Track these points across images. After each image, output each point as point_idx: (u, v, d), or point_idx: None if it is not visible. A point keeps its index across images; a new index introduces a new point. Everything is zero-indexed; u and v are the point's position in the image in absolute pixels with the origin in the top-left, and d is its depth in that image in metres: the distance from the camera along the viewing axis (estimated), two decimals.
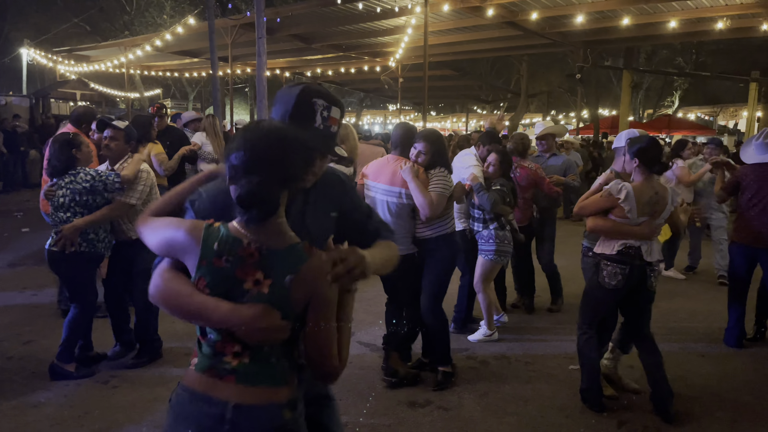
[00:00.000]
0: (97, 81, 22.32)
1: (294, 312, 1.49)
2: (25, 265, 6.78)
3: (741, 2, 10.84)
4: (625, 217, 3.36)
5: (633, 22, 12.21)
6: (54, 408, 3.52)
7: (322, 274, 1.48)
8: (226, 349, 1.51)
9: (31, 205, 11.04)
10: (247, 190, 1.42)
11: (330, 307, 1.51)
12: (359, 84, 27.16)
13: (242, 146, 1.45)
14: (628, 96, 18.86)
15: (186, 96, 32.19)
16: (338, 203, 1.88)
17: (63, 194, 3.77)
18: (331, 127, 1.71)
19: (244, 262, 1.48)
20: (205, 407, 1.50)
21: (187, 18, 14.43)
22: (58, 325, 4.82)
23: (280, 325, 1.48)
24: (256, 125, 1.53)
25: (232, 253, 1.47)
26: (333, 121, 1.71)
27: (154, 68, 22.22)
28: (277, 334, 1.49)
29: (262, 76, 9.80)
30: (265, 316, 1.46)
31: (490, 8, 11.20)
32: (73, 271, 3.90)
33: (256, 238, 1.49)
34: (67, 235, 3.73)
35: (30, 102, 17.54)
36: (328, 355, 1.52)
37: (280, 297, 1.47)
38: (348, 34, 15.10)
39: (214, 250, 1.48)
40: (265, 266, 1.48)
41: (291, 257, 1.49)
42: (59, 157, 3.81)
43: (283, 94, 1.73)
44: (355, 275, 1.54)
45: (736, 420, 3.56)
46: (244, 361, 1.50)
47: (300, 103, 1.68)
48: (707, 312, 5.62)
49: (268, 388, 1.51)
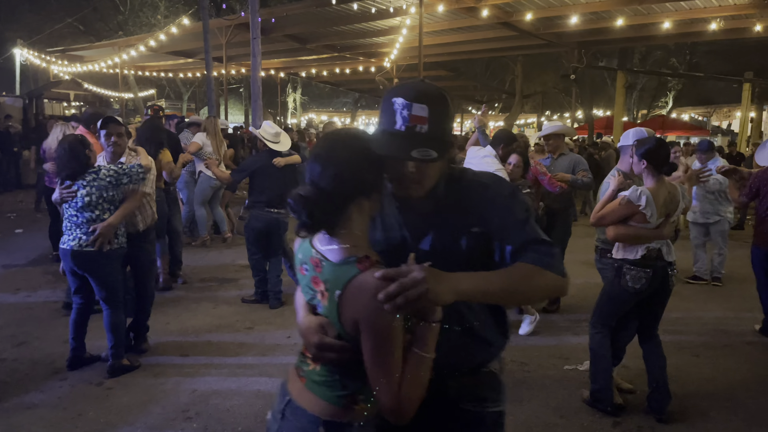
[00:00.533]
0: (90, 81, 22.27)
1: (347, 332, 1.38)
2: (19, 267, 6.74)
3: (734, 3, 10.90)
4: (646, 222, 3.31)
5: (627, 23, 12.27)
6: (47, 410, 3.50)
7: (370, 293, 1.28)
8: (307, 352, 1.54)
9: (25, 206, 10.99)
10: (293, 201, 1.39)
11: (380, 333, 1.31)
12: (354, 84, 27.17)
13: (309, 156, 1.47)
14: (622, 96, 18.94)
15: (180, 96, 32.13)
16: (478, 216, 1.55)
17: (88, 193, 3.78)
18: (416, 127, 1.45)
19: (314, 271, 1.45)
20: (280, 393, 1.60)
21: (182, 18, 14.41)
22: (52, 327, 4.81)
23: (330, 344, 1.40)
24: (325, 134, 1.52)
25: (307, 262, 1.48)
26: (417, 119, 1.45)
27: (148, 68, 22.17)
28: (330, 352, 1.41)
29: (256, 77, 9.81)
30: (317, 330, 1.42)
31: (484, 9, 11.22)
32: (108, 268, 3.92)
33: (321, 248, 1.44)
34: (104, 233, 3.78)
35: (23, 102, 17.43)
36: (384, 386, 1.33)
37: (332, 313, 1.39)
38: (343, 35, 15.10)
39: (299, 259, 1.53)
40: (324, 278, 1.41)
41: (342, 271, 1.36)
42: (78, 158, 3.80)
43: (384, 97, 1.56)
44: (412, 298, 1.24)
45: (730, 419, 3.57)
46: (315, 368, 1.49)
47: (383, 107, 1.51)
48: (701, 312, 5.64)
49: (321, 401, 1.47)
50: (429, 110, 1.46)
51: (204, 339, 4.66)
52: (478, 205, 1.56)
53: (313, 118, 35.94)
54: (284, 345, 4.58)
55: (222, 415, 3.47)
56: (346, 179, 1.39)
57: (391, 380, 1.32)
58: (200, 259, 7.23)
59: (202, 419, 3.42)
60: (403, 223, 1.59)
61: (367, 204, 1.44)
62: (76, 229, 3.82)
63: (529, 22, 12.39)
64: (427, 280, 1.25)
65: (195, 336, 4.71)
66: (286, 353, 4.41)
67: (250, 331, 4.88)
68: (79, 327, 4.04)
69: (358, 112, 36.17)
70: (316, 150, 1.46)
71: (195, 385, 3.85)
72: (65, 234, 3.87)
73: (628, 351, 3.80)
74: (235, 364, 4.21)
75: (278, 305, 5.47)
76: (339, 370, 1.45)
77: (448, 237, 1.54)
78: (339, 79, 24.38)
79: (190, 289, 6.00)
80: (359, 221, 1.43)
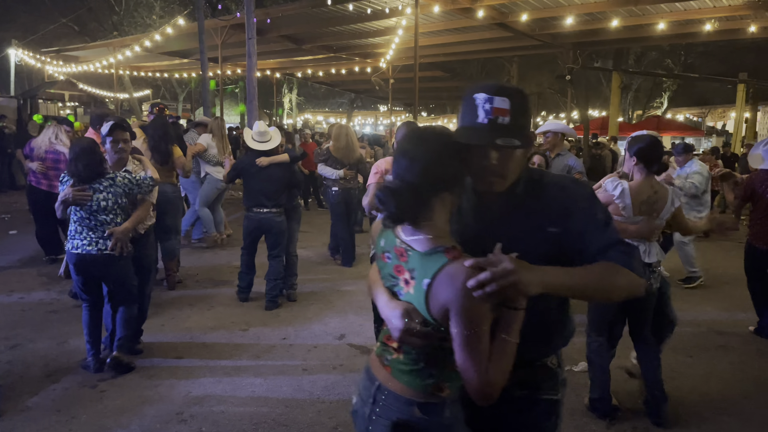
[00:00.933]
0: (85, 82, 22.19)
1: (434, 318, 1.45)
2: (12, 268, 6.71)
3: (729, 4, 10.93)
4: (619, 215, 3.34)
5: (622, 24, 12.29)
6: (41, 413, 3.48)
7: (459, 281, 1.36)
8: (390, 341, 1.61)
9: (19, 207, 10.94)
10: (382, 193, 1.49)
11: (471, 319, 1.38)
12: (350, 85, 27.16)
13: (395, 151, 1.55)
14: (617, 97, 18.98)
15: (176, 97, 32.03)
16: (557, 216, 1.60)
17: (105, 197, 3.83)
18: (498, 119, 1.51)
19: (398, 260, 1.54)
20: (366, 380, 1.69)
21: (177, 18, 14.38)
22: (46, 329, 4.79)
23: (417, 330, 1.46)
24: (409, 131, 1.59)
25: (391, 251, 1.57)
26: (499, 111, 1.51)
27: (143, 69, 22.11)
28: (415, 337, 1.47)
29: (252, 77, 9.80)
30: (404, 316, 1.48)
31: (480, 9, 11.23)
32: (126, 270, 4.02)
33: (406, 238, 1.52)
34: (121, 238, 3.86)
35: (17, 103, 17.36)
36: (470, 371, 1.40)
37: (419, 301, 1.46)
38: (339, 35, 15.09)
39: (381, 246, 1.63)
40: (410, 267, 1.49)
41: (431, 261, 1.44)
42: (96, 162, 3.83)
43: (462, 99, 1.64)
44: (503, 287, 1.32)
45: (724, 420, 3.58)
46: (399, 357, 1.58)
47: (465, 105, 1.58)
48: (695, 312, 5.65)
49: (410, 389, 1.56)
50: (510, 102, 1.52)
51: (199, 340, 4.65)
52: (557, 205, 1.61)
53: (309, 119, 35.92)
54: (279, 346, 4.57)
55: (217, 418, 3.46)
56: (431, 173, 1.47)
57: (480, 364, 1.39)
58: (195, 260, 7.21)
59: (197, 422, 3.41)
60: (479, 218, 1.64)
61: (450, 197, 1.52)
62: (90, 233, 3.83)
63: (524, 23, 12.41)
64: (517, 270, 1.32)
65: (190, 337, 4.69)
66: (282, 355, 4.41)
67: (245, 332, 4.87)
68: (95, 327, 4.04)
69: (354, 113, 36.17)
70: (403, 146, 1.55)
71: (189, 387, 3.84)
72: (76, 238, 3.86)
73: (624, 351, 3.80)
74: (230, 365, 4.20)
75: (273, 307, 5.45)
76: (424, 358, 1.53)
77: (523, 235, 1.58)
78: (335, 80, 24.35)
79: (185, 291, 5.98)
80: (442, 214, 1.51)
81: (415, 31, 10.80)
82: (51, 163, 6.60)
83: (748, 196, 5.04)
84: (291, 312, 5.40)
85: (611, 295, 1.60)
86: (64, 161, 6.70)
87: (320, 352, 4.47)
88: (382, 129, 20.69)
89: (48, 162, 6.58)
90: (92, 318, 4.01)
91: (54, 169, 6.62)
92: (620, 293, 1.54)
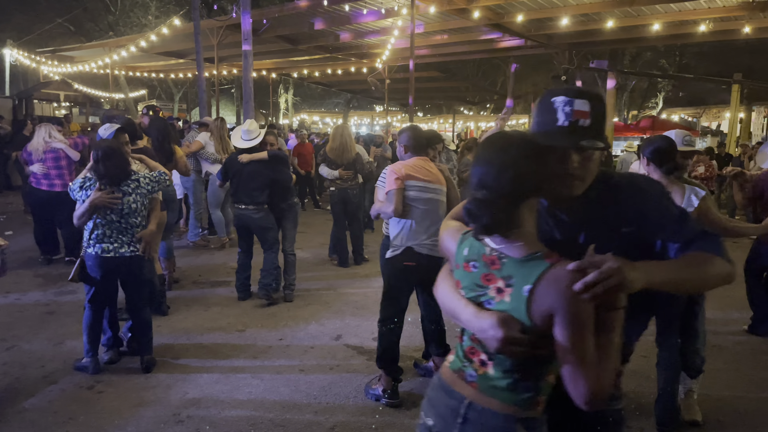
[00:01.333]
0: (81, 82, 22.11)
1: (536, 325, 1.40)
2: (9, 269, 6.68)
3: (723, 5, 10.98)
4: None
5: (617, 24, 12.33)
6: (38, 414, 3.48)
7: (565, 284, 1.35)
8: (474, 355, 1.54)
9: (14, 208, 10.92)
10: (472, 205, 1.46)
11: (579, 323, 1.35)
12: (346, 85, 27.13)
13: (476, 160, 1.50)
14: (612, 98, 19.00)
15: (172, 97, 31.98)
16: (631, 216, 1.60)
17: (134, 199, 3.85)
18: (579, 121, 1.52)
19: (488, 269, 1.49)
20: (446, 398, 1.59)
21: (173, 19, 14.36)
22: (42, 330, 4.79)
23: (519, 338, 1.41)
24: (490, 138, 1.53)
25: (478, 260, 1.52)
26: (580, 114, 1.52)
27: (139, 69, 22.05)
28: (515, 346, 1.42)
29: (248, 77, 9.81)
30: (502, 325, 1.41)
31: (476, 10, 11.25)
32: (149, 271, 4.07)
33: (497, 245, 1.48)
34: (149, 240, 3.90)
35: (13, 103, 17.30)
36: (580, 376, 1.36)
37: (518, 308, 1.42)
38: (335, 36, 15.09)
39: (464, 256, 1.56)
40: (506, 275, 1.45)
41: (530, 266, 1.42)
42: (123, 164, 3.84)
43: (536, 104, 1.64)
44: (610, 287, 1.32)
45: (719, 419, 3.61)
46: (488, 371, 1.51)
47: (542, 109, 1.58)
48: None
49: (505, 404, 1.50)
50: (590, 105, 1.53)
51: (195, 341, 4.65)
52: (630, 205, 1.61)
53: (305, 119, 35.89)
54: (276, 347, 4.58)
55: (214, 419, 3.46)
56: (523, 180, 1.44)
57: (590, 368, 1.35)
58: (192, 260, 7.21)
59: (194, 423, 3.42)
60: (558, 222, 1.64)
61: (535, 202, 1.52)
62: (120, 236, 3.84)
63: (520, 24, 12.43)
64: (622, 268, 1.32)
65: (186, 338, 4.70)
66: (279, 356, 4.41)
67: (242, 333, 4.87)
68: (96, 329, 4.04)
69: (350, 113, 36.15)
70: (487, 155, 1.50)
71: (186, 388, 3.84)
72: (105, 242, 3.82)
73: None
74: (227, 366, 4.21)
75: (265, 296, 5.56)
76: (519, 370, 1.47)
77: (598, 236, 1.57)
78: (331, 80, 24.33)
79: (181, 291, 5.98)
80: (530, 219, 1.50)
81: (410, 32, 10.81)
82: (51, 162, 6.63)
83: (757, 195, 5.01)
84: (288, 313, 5.41)
85: (707, 285, 1.60)
86: (64, 157, 6.71)
87: (317, 353, 4.48)
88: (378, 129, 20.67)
89: (48, 162, 6.60)
90: (95, 320, 3.99)
91: (55, 168, 6.65)
92: (715, 281, 1.54)
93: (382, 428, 3.42)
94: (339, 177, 7.02)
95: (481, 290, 1.51)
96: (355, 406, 3.65)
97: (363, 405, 3.68)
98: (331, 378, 4.01)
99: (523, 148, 1.47)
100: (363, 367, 4.20)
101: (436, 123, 35.55)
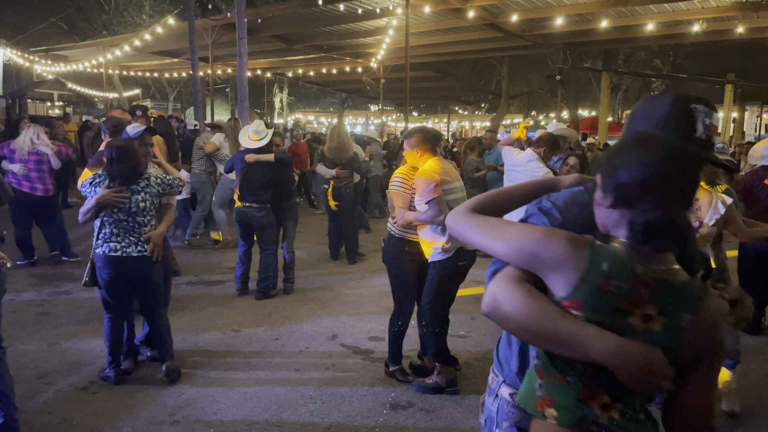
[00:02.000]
0: (75, 81, 22.01)
1: (682, 359, 1.25)
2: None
3: (717, 5, 11.04)
4: None
5: (611, 24, 12.39)
6: (32, 415, 3.47)
7: (721, 316, 1.25)
8: (593, 399, 1.26)
9: (6, 209, 10.83)
10: (656, 217, 1.22)
11: (723, 357, 1.28)
12: (341, 85, 27.13)
13: (639, 163, 1.24)
14: (607, 97, 19.12)
15: (166, 96, 31.89)
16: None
17: (143, 198, 3.79)
18: (712, 137, 1.45)
19: (636, 291, 1.23)
20: None
21: (167, 18, 14.30)
22: (35, 330, 4.77)
23: (667, 373, 1.22)
24: (647, 138, 1.32)
25: (622, 279, 1.23)
26: (714, 129, 1.45)
27: (133, 68, 21.99)
28: (663, 383, 1.22)
29: (243, 77, 9.78)
30: (649, 360, 1.20)
31: (470, 10, 11.27)
32: (160, 273, 3.99)
33: (650, 266, 1.25)
34: (158, 242, 3.85)
35: (6, 102, 17.22)
36: (710, 413, 1.27)
37: (672, 339, 1.23)
38: (329, 35, 15.09)
39: (603, 271, 1.24)
40: (660, 301, 1.23)
41: (689, 294, 1.25)
42: (135, 163, 3.78)
43: (649, 103, 1.51)
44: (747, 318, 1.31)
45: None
46: (614, 416, 1.25)
47: (677, 112, 1.44)
48: None
49: None
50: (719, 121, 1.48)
51: (191, 341, 4.65)
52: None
53: (300, 119, 35.86)
54: (271, 347, 4.58)
55: (209, 419, 3.46)
56: (692, 194, 1.31)
57: (715, 398, 1.30)
58: (187, 260, 7.20)
59: (190, 423, 3.41)
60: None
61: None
62: (128, 235, 3.77)
63: (514, 24, 12.47)
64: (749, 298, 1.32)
65: (181, 339, 4.69)
66: (273, 356, 4.41)
67: (237, 333, 4.87)
68: (117, 339, 3.94)
69: (345, 113, 36.13)
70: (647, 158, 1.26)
71: (182, 388, 3.84)
72: (113, 241, 3.75)
73: None
74: (223, 366, 4.21)
75: (262, 298, 5.69)
76: (643, 407, 1.29)
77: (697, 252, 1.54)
78: (326, 80, 24.33)
79: (176, 291, 5.96)
80: None
81: (405, 32, 10.82)
82: (34, 164, 6.56)
83: (747, 191, 5.01)
84: (283, 312, 5.41)
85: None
86: (47, 162, 6.65)
87: (312, 353, 4.48)
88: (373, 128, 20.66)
89: (30, 164, 6.54)
90: (115, 330, 3.91)
91: (36, 171, 6.58)
92: None
93: (378, 428, 3.43)
94: (336, 176, 7.10)
95: (620, 316, 1.24)
96: (351, 406, 3.66)
97: (359, 404, 3.68)
98: (326, 378, 4.01)
99: (692, 159, 1.31)
100: (358, 367, 4.21)
101: (431, 122, 35.61)
